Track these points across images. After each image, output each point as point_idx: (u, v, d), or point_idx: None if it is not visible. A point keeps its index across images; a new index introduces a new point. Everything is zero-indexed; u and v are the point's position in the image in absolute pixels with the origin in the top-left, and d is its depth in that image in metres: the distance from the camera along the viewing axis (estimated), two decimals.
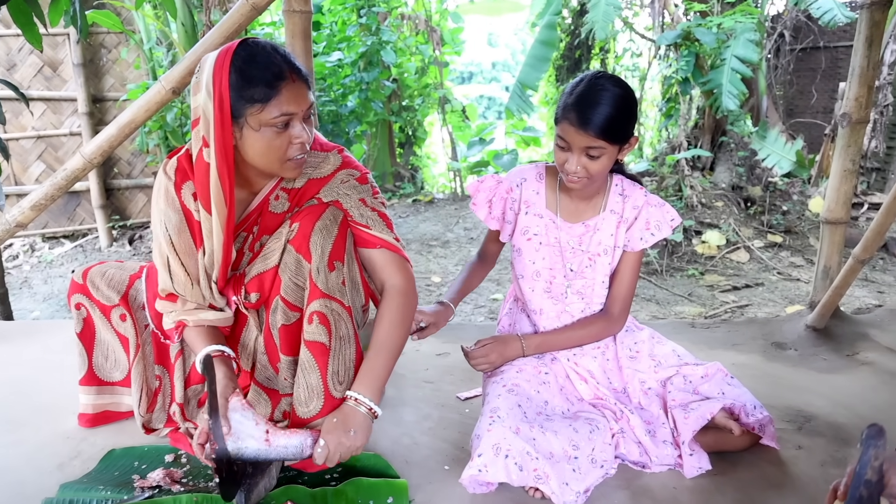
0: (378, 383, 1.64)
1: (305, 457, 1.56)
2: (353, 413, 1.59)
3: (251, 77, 1.50)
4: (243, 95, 1.50)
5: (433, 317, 1.94)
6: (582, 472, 1.69)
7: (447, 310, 2.01)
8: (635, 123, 1.84)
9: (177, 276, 1.70)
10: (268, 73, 1.50)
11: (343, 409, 1.60)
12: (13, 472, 1.76)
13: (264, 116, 1.51)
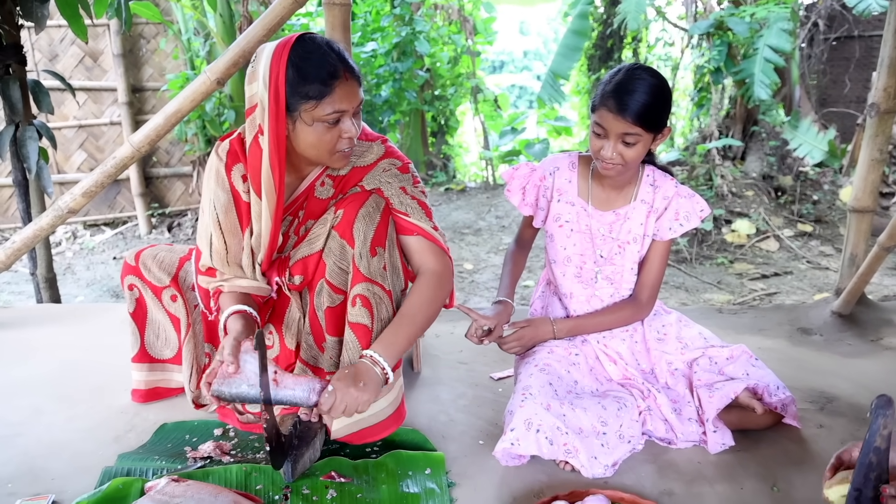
0: (395, 349, 1.68)
1: (312, 403, 1.58)
2: (367, 369, 1.62)
3: (307, 74, 1.58)
4: (298, 91, 1.58)
5: (495, 318, 1.99)
6: (610, 447, 1.76)
7: (507, 307, 2.06)
8: (669, 114, 1.89)
9: (217, 252, 1.79)
10: (323, 72, 1.57)
11: (357, 365, 1.63)
12: (72, 445, 1.87)
13: (318, 113, 1.60)
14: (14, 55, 3.04)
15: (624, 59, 7.50)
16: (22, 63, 3.08)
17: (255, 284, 1.82)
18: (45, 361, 2.39)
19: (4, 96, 3.03)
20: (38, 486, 1.66)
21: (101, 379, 2.25)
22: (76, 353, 2.48)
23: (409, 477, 1.70)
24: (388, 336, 1.70)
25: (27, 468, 1.75)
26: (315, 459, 1.75)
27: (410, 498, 1.63)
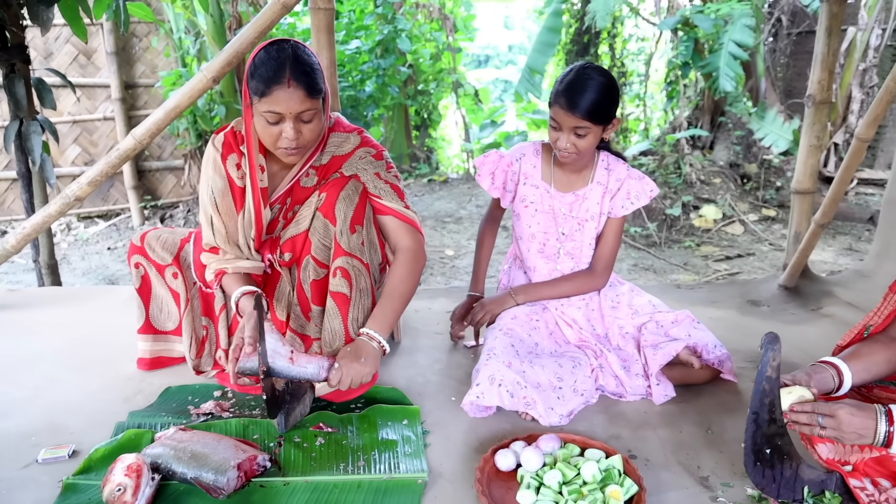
0: (387, 324, 1.94)
1: (322, 378, 1.83)
2: (365, 346, 1.88)
3: (257, 72, 1.81)
4: (251, 86, 1.83)
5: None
6: (565, 399, 2.01)
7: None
8: (617, 107, 2.14)
9: (219, 231, 2.02)
10: (268, 74, 1.79)
11: (357, 342, 1.89)
12: (86, 405, 2.09)
13: (259, 108, 1.82)
14: (19, 55, 3.24)
15: (600, 54, 7.73)
16: (26, 62, 3.28)
17: (254, 264, 2.06)
18: (54, 337, 2.60)
19: (10, 93, 3.23)
20: (59, 439, 1.88)
21: (107, 351, 2.46)
22: (82, 329, 2.69)
23: (388, 426, 1.94)
24: (378, 313, 1.94)
25: (47, 424, 1.97)
26: (305, 414, 1.98)
27: (389, 443, 1.86)
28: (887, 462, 1.52)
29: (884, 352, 1.65)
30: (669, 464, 1.80)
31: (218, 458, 1.66)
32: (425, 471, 1.73)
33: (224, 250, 2.05)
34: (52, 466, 1.76)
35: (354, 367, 1.82)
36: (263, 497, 1.64)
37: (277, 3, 2.57)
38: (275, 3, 2.57)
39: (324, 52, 2.69)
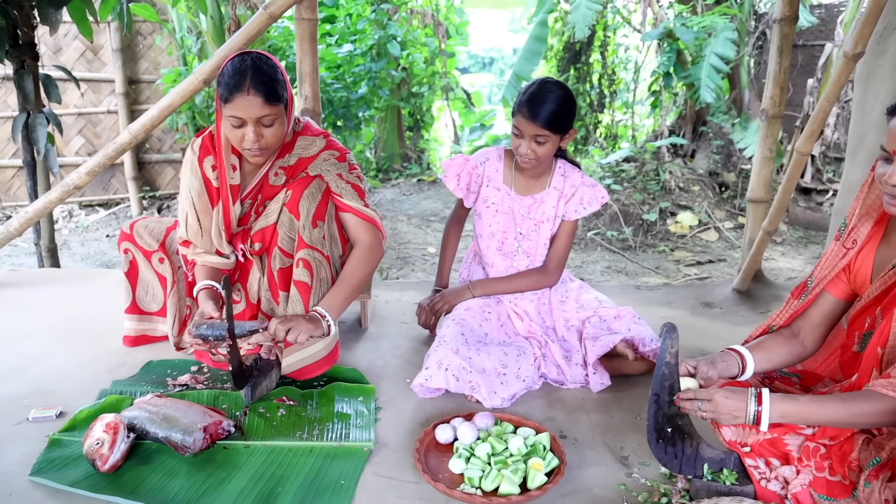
0: (336, 306, 2.14)
1: (264, 326, 2.03)
2: (314, 318, 2.08)
3: (222, 80, 2.03)
4: (219, 91, 2.04)
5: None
6: (508, 385, 2.21)
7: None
8: (574, 119, 2.35)
9: (192, 227, 2.23)
10: (231, 82, 2.00)
11: (310, 315, 2.09)
12: (74, 374, 2.30)
13: (225, 112, 2.04)
14: (29, 52, 3.46)
15: (592, 62, 7.93)
16: (35, 59, 3.50)
17: (220, 260, 2.26)
18: (50, 313, 2.82)
19: (19, 87, 3.45)
20: (48, 402, 2.09)
21: (97, 328, 2.67)
22: (75, 307, 2.90)
23: (344, 402, 2.15)
24: (329, 296, 2.16)
25: (38, 389, 2.18)
26: (271, 388, 2.19)
27: (343, 416, 2.07)
28: (778, 444, 1.70)
29: (785, 345, 1.85)
30: (595, 444, 1.99)
31: (187, 420, 1.87)
32: (371, 440, 1.94)
33: (195, 244, 2.25)
34: (41, 424, 1.97)
35: (297, 320, 2.01)
36: (225, 457, 1.85)
37: (264, 14, 2.79)
38: (262, 13, 2.78)
39: (307, 58, 2.91)
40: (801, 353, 1.85)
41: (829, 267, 1.79)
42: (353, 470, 1.81)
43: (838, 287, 1.79)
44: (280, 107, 2.08)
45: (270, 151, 2.16)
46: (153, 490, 1.70)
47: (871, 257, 1.72)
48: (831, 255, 1.80)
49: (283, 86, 2.10)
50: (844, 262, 1.76)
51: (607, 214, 5.48)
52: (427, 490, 1.74)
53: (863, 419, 1.52)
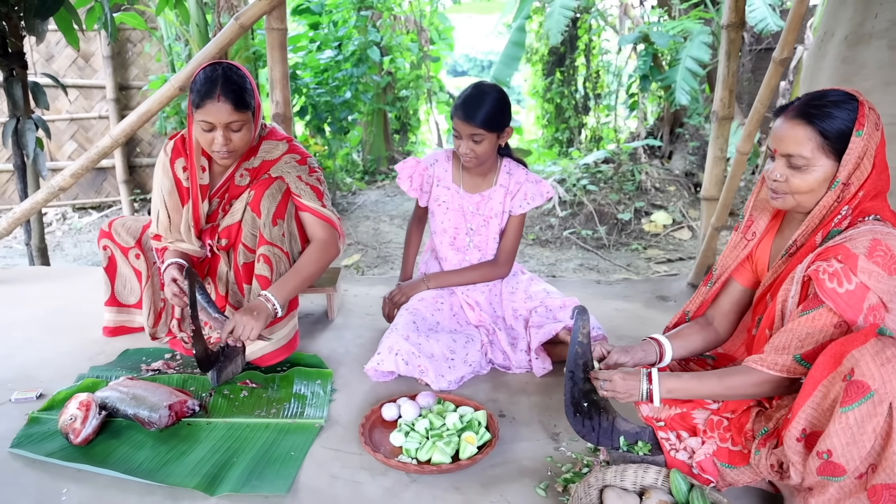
0: (285, 293, 2.29)
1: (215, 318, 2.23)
2: (262, 305, 2.23)
3: (194, 87, 2.20)
4: (191, 97, 2.21)
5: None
6: (455, 369, 2.38)
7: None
8: (509, 117, 2.51)
9: (162, 223, 2.42)
10: (203, 88, 2.18)
11: (255, 302, 2.24)
12: (56, 361, 2.49)
13: (196, 117, 2.21)
14: (18, 60, 3.65)
15: (577, 66, 8.11)
16: (24, 67, 3.68)
17: (191, 247, 2.44)
18: (36, 307, 3.01)
19: (8, 94, 3.64)
20: (30, 385, 2.28)
21: (79, 320, 2.86)
22: (60, 301, 3.09)
23: (303, 384, 2.33)
24: (279, 283, 2.32)
25: (22, 375, 2.37)
26: (237, 373, 2.38)
27: (300, 396, 2.25)
28: (687, 418, 1.87)
29: (700, 332, 2.02)
30: (531, 422, 2.17)
31: (154, 399, 2.05)
32: (323, 418, 2.12)
33: (165, 237, 2.43)
34: (22, 405, 2.16)
35: (246, 319, 2.15)
36: (188, 432, 2.03)
37: (235, 24, 2.97)
38: (233, 23, 2.97)
39: (277, 66, 3.09)
40: (715, 339, 2.02)
41: (731, 257, 1.96)
42: (303, 443, 1.99)
43: (743, 275, 1.95)
44: (248, 114, 2.26)
45: (237, 154, 2.34)
46: (120, 460, 1.88)
47: (768, 248, 1.89)
48: (732, 246, 1.96)
49: (252, 94, 2.29)
50: (745, 252, 1.92)
51: (583, 214, 5.65)
52: (368, 460, 1.92)
53: (736, 391, 1.69)
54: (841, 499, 1.47)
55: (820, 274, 1.55)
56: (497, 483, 1.84)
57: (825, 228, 1.66)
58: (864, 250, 1.53)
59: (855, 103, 1.62)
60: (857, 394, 1.39)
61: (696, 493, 1.66)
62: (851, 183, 1.63)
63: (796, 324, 1.61)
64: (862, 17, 2.93)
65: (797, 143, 1.63)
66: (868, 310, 1.52)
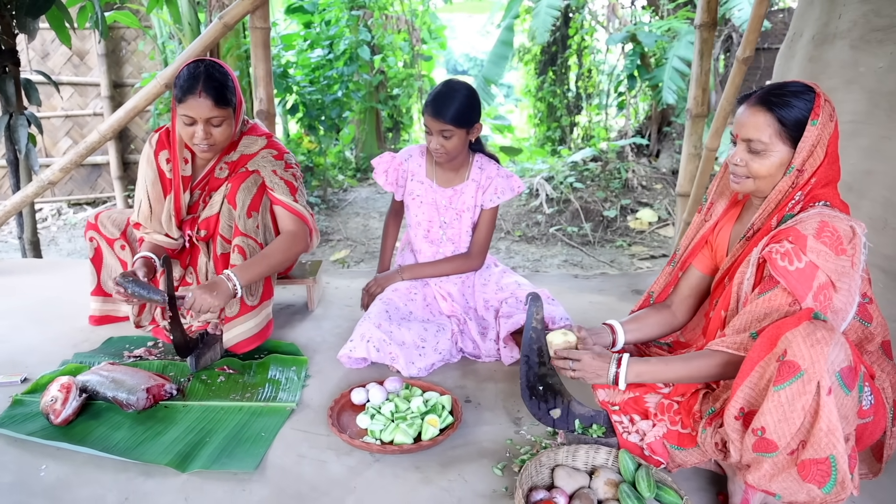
0: (248, 274, 2.37)
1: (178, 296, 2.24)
2: (222, 283, 2.30)
3: (178, 83, 2.30)
4: (175, 92, 2.31)
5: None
6: (425, 356, 2.47)
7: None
8: (478, 114, 2.59)
9: (143, 212, 2.51)
10: (185, 84, 2.27)
11: (215, 279, 2.32)
12: (42, 348, 2.59)
13: (179, 111, 2.31)
14: (10, 58, 3.74)
15: (570, 65, 8.19)
16: (16, 64, 3.78)
17: (166, 240, 2.53)
18: (26, 297, 3.10)
19: (1, 90, 3.73)
20: (15, 370, 2.37)
21: (68, 310, 2.95)
22: (49, 291, 3.19)
23: (278, 370, 2.42)
24: (244, 265, 2.39)
25: (9, 361, 2.46)
26: (216, 359, 2.47)
27: (274, 381, 2.35)
28: (640, 402, 1.95)
29: (656, 316, 2.10)
30: (496, 408, 2.25)
31: (132, 382, 2.15)
32: (295, 401, 2.22)
33: (145, 226, 2.53)
34: (6, 388, 2.25)
35: (205, 296, 2.23)
36: (165, 414, 2.12)
37: (219, 23, 3.07)
38: (217, 22, 3.06)
39: (260, 64, 3.19)
40: (672, 323, 2.11)
41: (691, 236, 2.04)
42: (274, 425, 2.08)
43: (703, 262, 2.04)
44: (228, 110, 2.35)
45: (218, 148, 2.44)
46: (98, 440, 1.97)
47: (727, 234, 1.97)
48: (693, 226, 2.05)
49: (233, 91, 2.38)
50: (703, 232, 2.00)
51: (569, 212, 5.74)
52: (335, 441, 2.01)
53: (701, 373, 1.77)
54: (775, 474, 1.54)
55: (773, 254, 1.64)
56: (456, 463, 1.93)
57: (780, 213, 1.74)
58: (813, 231, 1.61)
59: (812, 94, 1.70)
60: (789, 373, 1.46)
61: (643, 471, 1.74)
62: (805, 169, 1.71)
63: (754, 305, 1.69)
64: (827, 18, 3.02)
65: (757, 129, 1.71)
66: (818, 289, 1.60)
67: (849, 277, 1.61)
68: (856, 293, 1.64)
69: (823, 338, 1.46)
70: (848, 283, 1.61)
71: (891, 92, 2.63)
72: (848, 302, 1.63)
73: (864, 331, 1.76)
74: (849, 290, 1.62)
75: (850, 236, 1.62)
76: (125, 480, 1.81)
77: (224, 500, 1.75)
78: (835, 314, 1.62)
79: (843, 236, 1.62)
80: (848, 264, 1.61)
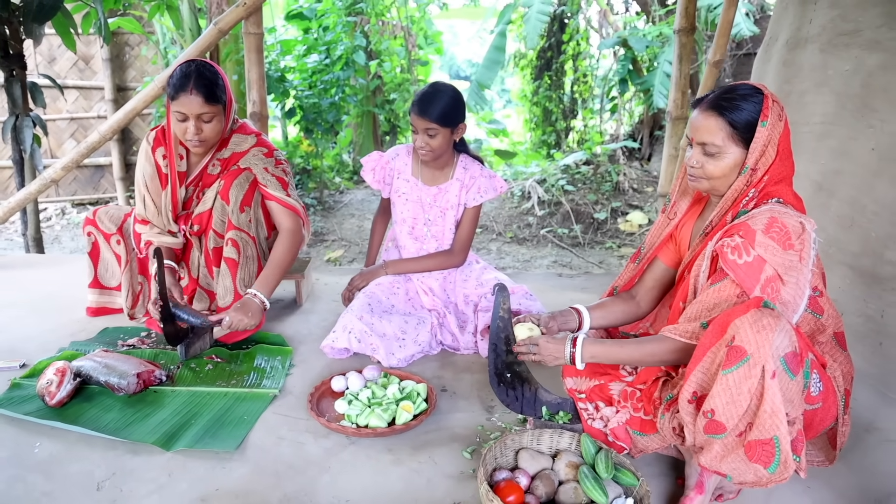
0: (269, 286, 2.55)
1: (210, 322, 2.43)
2: (251, 302, 2.48)
3: (171, 81, 2.43)
4: (168, 90, 2.44)
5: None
6: (405, 348, 2.58)
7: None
8: (462, 114, 2.69)
9: (148, 207, 2.64)
10: (177, 82, 2.41)
11: (244, 300, 2.49)
12: (40, 337, 2.71)
13: (172, 108, 2.44)
14: (17, 62, 3.88)
15: (566, 70, 8.30)
16: (23, 68, 3.92)
17: (172, 240, 2.66)
18: (27, 290, 3.23)
19: (8, 93, 3.87)
20: (15, 356, 2.50)
21: (66, 302, 3.07)
22: (51, 286, 3.32)
23: (264, 360, 2.54)
24: (262, 278, 2.56)
25: (8, 348, 2.59)
26: (205, 349, 2.59)
27: (260, 370, 2.47)
28: (605, 389, 2.04)
29: (621, 305, 2.20)
30: (470, 397, 2.36)
31: (124, 368, 2.27)
32: (278, 388, 2.33)
33: (152, 223, 2.66)
34: (6, 373, 2.38)
35: (240, 317, 2.43)
36: (154, 398, 2.24)
37: (214, 29, 3.20)
38: (212, 28, 3.19)
39: (254, 68, 3.31)
40: (635, 312, 2.20)
41: (656, 234, 2.13)
42: (256, 409, 2.20)
43: (667, 255, 2.12)
44: (218, 107, 2.48)
45: (209, 144, 2.56)
46: (89, 420, 2.09)
47: (690, 230, 2.05)
48: (658, 225, 2.14)
49: (223, 90, 2.51)
50: (668, 230, 2.09)
51: (560, 214, 5.85)
52: (313, 425, 2.12)
53: (653, 357, 1.86)
54: (724, 455, 1.61)
55: (724, 248, 1.71)
56: (427, 446, 2.04)
57: (735, 209, 1.81)
58: (762, 226, 1.68)
59: (761, 96, 1.76)
60: (736, 357, 1.54)
61: (602, 454, 1.83)
62: (758, 168, 1.77)
63: (705, 295, 1.76)
64: (800, 23, 3.09)
65: (710, 133, 1.78)
66: (765, 281, 1.67)
67: (797, 271, 1.68)
68: (805, 287, 1.70)
69: (769, 324, 1.53)
70: (796, 276, 1.68)
71: (856, 94, 2.68)
72: (797, 295, 1.69)
73: (816, 322, 1.82)
74: (797, 283, 1.69)
75: (798, 232, 1.69)
76: (113, 457, 1.93)
77: (205, 477, 1.87)
78: (784, 306, 1.68)
79: (791, 232, 1.68)
80: (796, 259, 1.68)
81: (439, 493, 1.83)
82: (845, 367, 1.86)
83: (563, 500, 1.75)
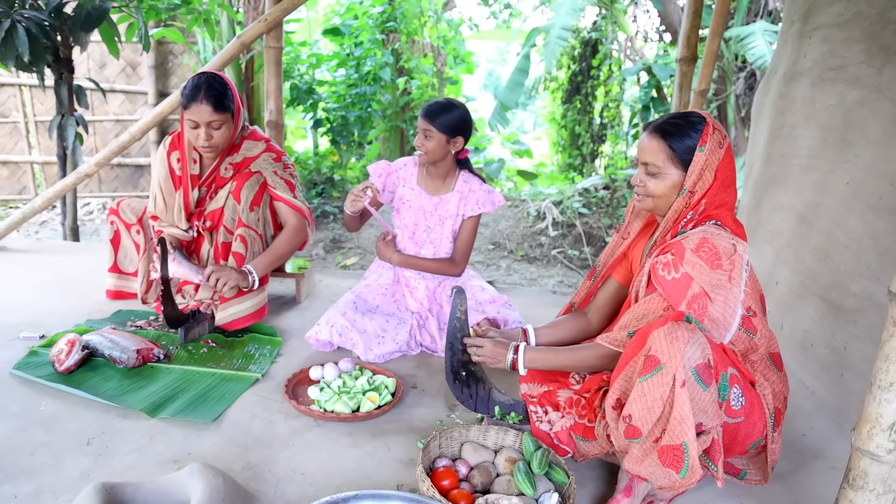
0: (262, 265, 2.81)
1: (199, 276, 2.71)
2: (243, 273, 2.75)
3: (184, 92, 2.69)
4: (181, 100, 2.71)
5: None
6: (383, 345, 2.79)
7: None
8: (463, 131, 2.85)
9: (159, 205, 2.92)
10: (189, 93, 2.67)
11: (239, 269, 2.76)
12: (60, 313, 3.00)
13: (185, 116, 2.70)
14: (66, 66, 4.24)
15: (597, 94, 8.46)
16: (71, 72, 4.28)
17: (180, 232, 2.93)
18: (58, 272, 3.56)
19: (57, 94, 4.23)
20: (36, 328, 2.79)
21: (89, 285, 3.37)
22: (78, 269, 3.64)
23: (254, 347, 2.79)
24: (258, 259, 2.82)
25: (32, 322, 2.88)
26: (203, 334, 2.85)
27: (248, 355, 2.71)
28: (553, 396, 2.15)
29: (572, 322, 2.34)
30: (437, 395, 2.54)
31: (126, 344, 2.54)
32: (261, 372, 2.57)
33: (161, 218, 2.93)
34: (27, 342, 2.67)
35: (227, 271, 2.69)
36: (150, 373, 2.50)
37: (237, 42, 3.48)
38: (235, 41, 3.47)
39: (272, 79, 3.58)
40: (586, 328, 2.33)
41: (609, 253, 2.26)
42: (238, 389, 2.44)
43: (621, 273, 2.25)
44: (227, 115, 2.74)
45: (219, 149, 2.83)
46: (91, 386, 2.36)
47: (641, 249, 2.17)
48: (612, 244, 2.27)
49: (231, 99, 2.77)
50: (621, 250, 2.21)
51: (572, 235, 6.00)
52: (286, 407, 2.35)
53: (584, 362, 2.02)
54: (642, 458, 1.73)
55: (656, 265, 1.84)
56: (385, 434, 2.23)
57: (675, 230, 1.90)
58: (693, 246, 1.78)
59: (704, 124, 1.88)
60: (651, 366, 1.64)
61: (539, 452, 1.97)
62: (696, 191, 1.87)
63: (636, 306, 1.89)
64: (796, 56, 3.11)
65: (652, 154, 1.90)
66: (692, 297, 1.76)
67: (725, 290, 1.78)
68: (736, 306, 1.80)
69: (682, 336, 1.63)
70: (724, 295, 1.78)
71: (837, 129, 2.71)
72: (727, 313, 1.80)
73: (750, 341, 1.89)
74: (725, 301, 1.79)
75: (729, 253, 1.79)
76: (105, 419, 2.19)
77: (181, 442, 2.11)
78: (714, 323, 1.79)
79: (721, 252, 1.78)
80: (725, 278, 1.78)
81: (386, 475, 2.01)
82: (777, 387, 1.95)
83: (497, 490, 1.89)
